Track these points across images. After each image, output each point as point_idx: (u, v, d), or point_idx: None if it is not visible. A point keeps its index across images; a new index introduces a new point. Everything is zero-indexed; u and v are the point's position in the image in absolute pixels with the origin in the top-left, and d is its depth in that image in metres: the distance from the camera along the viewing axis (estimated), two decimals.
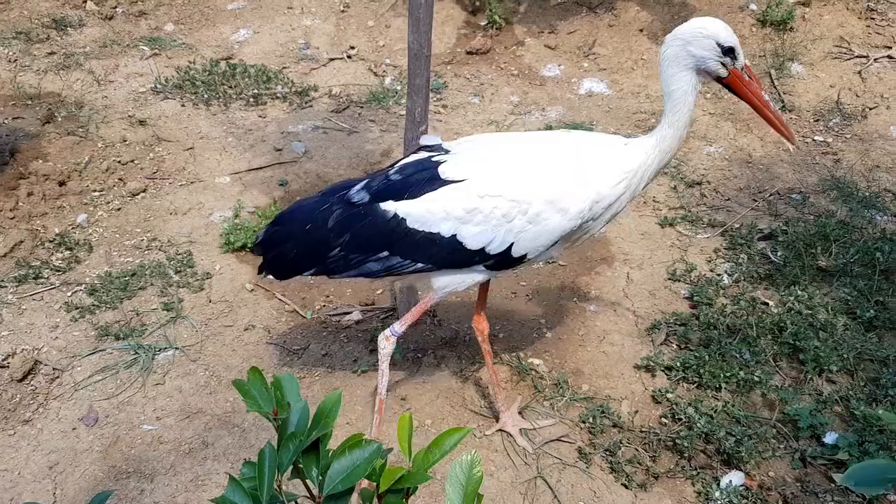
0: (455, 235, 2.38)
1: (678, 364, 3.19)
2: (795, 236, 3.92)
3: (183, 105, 5.23)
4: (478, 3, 6.29)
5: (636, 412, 3.00)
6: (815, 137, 4.88)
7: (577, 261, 3.90)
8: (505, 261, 2.43)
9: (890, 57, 5.54)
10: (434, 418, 2.97)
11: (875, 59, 5.51)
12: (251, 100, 5.29)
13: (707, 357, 3.21)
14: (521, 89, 5.51)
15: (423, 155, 2.55)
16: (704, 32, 2.28)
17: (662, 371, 3.20)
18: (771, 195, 4.38)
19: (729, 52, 2.31)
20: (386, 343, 2.61)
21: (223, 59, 5.81)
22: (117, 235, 4.20)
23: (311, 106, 5.30)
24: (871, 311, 3.43)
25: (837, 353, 3.19)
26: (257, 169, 4.64)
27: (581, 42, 5.95)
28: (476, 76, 5.66)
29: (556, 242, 2.44)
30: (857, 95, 5.22)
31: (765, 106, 2.44)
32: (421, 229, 2.40)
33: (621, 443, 2.86)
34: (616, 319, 3.49)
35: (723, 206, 4.30)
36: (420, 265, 2.48)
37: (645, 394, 3.11)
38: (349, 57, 5.91)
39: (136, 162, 4.70)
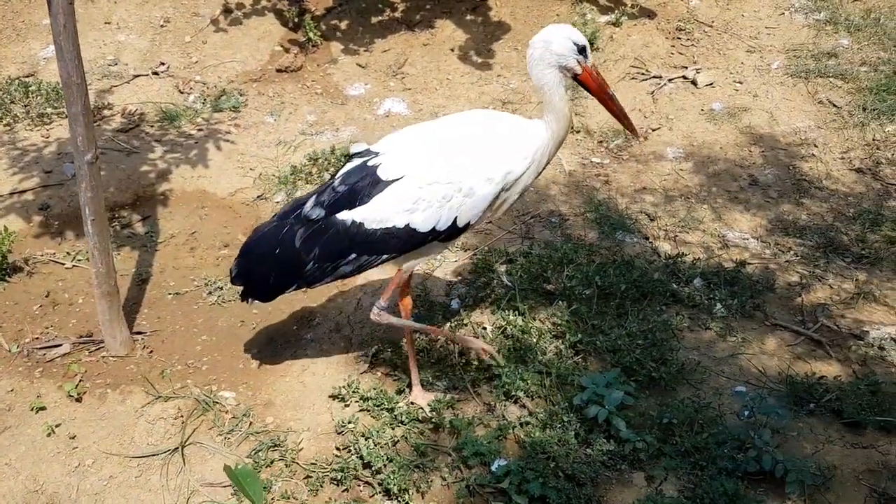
0: (408, 224, 2.76)
1: (373, 393, 3.21)
2: (534, 260, 3.99)
3: None
4: (297, 20, 6.27)
5: (301, 444, 3.01)
6: (593, 159, 4.99)
7: (317, 289, 3.90)
8: (454, 232, 2.85)
9: (684, 77, 5.70)
10: (97, 458, 2.94)
11: (669, 80, 5.66)
12: (37, 119, 5.18)
13: (404, 387, 3.23)
14: (321, 108, 5.51)
15: (357, 162, 2.87)
16: (563, 33, 2.77)
17: (357, 401, 3.21)
18: (531, 217, 4.45)
19: (582, 50, 2.80)
20: (380, 319, 3.03)
21: (26, 77, 5.68)
22: None
23: (98, 125, 5.20)
24: (579, 334, 3.50)
25: (526, 380, 3.25)
26: (21, 192, 4.54)
27: (392, 61, 5.97)
28: (279, 95, 5.64)
29: (489, 206, 2.84)
30: (645, 116, 5.35)
31: (610, 99, 3.00)
32: (378, 227, 2.77)
33: (280, 477, 2.87)
34: (329, 348, 3.50)
35: (483, 229, 4.35)
36: (385, 256, 2.86)
37: (330, 424, 3.12)
38: (156, 73, 5.83)
39: None
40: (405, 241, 2.82)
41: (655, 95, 5.51)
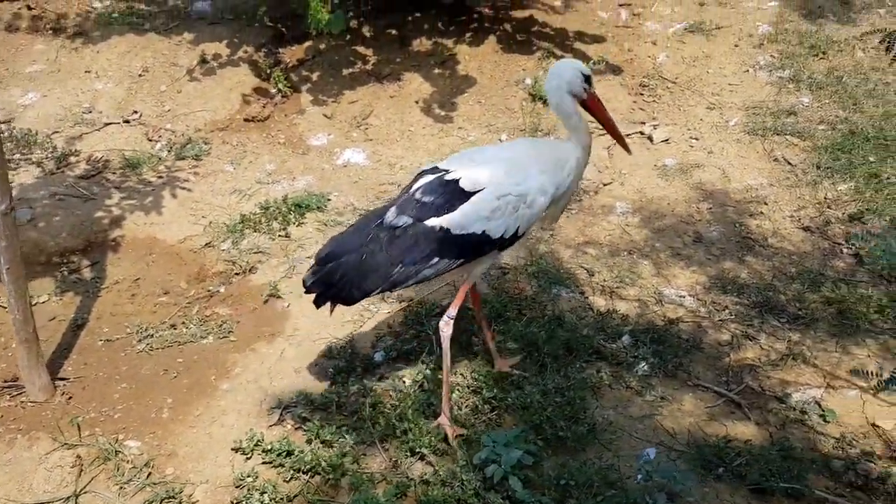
0: (485, 231, 3.09)
1: (276, 446, 3.21)
2: (464, 314, 3.99)
3: None
4: (270, 71, 6.43)
5: (196, 496, 3.01)
6: None
7: (244, 335, 3.94)
8: (512, 241, 3.19)
9: (641, 133, 5.75)
10: None
11: (626, 135, 5.69)
12: None
13: (312, 437, 3.24)
14: (281, 158, 5.62)
15: (430, 178, 3.16)
16: (572, 65, 3.21)
17: (259, 454, 3.21)
18: None
19: (587, 78, 3.20)
20: (446, 327, 3.23)
21: (3, 122, 5.87)
22: None
23: (62, 171, 5.35)
24: (495, 390, 3.50)
25: (432, 436, 3.24)
26: None
27: (358, 112, 6.09)
28: (243, 143, 5.77)
29: (537, 218, 3.22)
30: (599, 171, 5.38)
31: (609, 121, 3.39)
32: (461, 233, 3.08)
33: None
34: (244, 399, 3.52)
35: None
36: (461, 261, 3.15)
37: (229, 477, 3.12)
38: (127, 121, 5.99)
39: None
40: (477, 247, 3.13)
41: (611, 150, 5.55)
